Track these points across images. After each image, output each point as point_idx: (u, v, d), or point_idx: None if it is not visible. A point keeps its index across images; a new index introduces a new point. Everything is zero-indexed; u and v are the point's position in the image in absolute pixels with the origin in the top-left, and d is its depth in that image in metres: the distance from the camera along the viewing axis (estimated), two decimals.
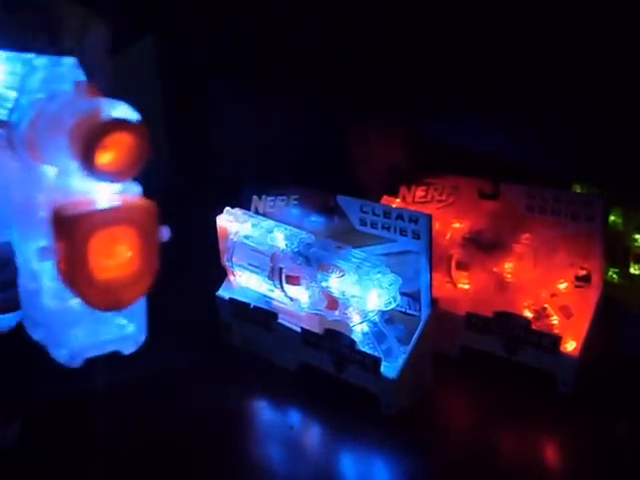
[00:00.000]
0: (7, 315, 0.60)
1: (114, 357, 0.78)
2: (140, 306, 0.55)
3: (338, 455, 0.69)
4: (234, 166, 0.97)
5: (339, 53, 0.92)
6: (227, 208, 0.80)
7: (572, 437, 0.69)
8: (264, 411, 0.78)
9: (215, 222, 0.80)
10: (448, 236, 0.80)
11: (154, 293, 0.87)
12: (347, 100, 0.94)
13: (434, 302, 0.73)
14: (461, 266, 0.79)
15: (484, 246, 0.79)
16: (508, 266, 0.78)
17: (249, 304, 0.80)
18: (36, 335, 0.55)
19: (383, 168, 0.91)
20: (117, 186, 0.50)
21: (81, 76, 0.51)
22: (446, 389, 0.77)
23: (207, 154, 1.08)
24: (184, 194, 1.00)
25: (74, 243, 0.48)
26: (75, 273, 0.49)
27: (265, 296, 0.79)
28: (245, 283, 0.80)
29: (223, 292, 0.83)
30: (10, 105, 0.52)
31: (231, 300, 0.81)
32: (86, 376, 0.78)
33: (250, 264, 0.78)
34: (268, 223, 0.78)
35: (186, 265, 0.86)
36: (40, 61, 0.52)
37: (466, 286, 0.80)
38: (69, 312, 0.52)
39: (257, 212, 0.81)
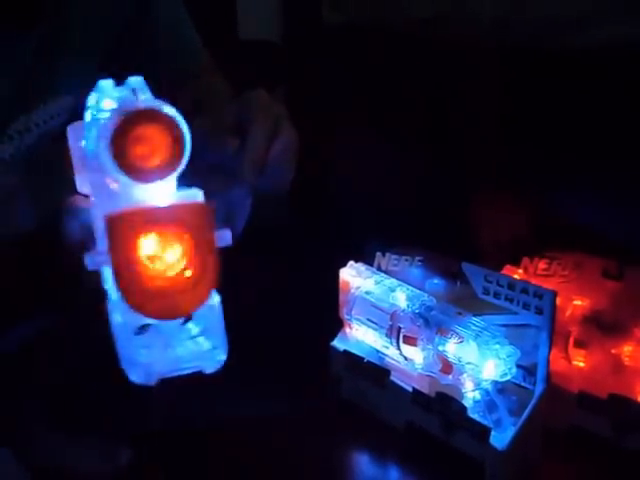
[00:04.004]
0: None
1: (223, 397, 0.82)
2: (217, 322, 0.52)
3: None
4: (360, 220, 0.99)
5: (471, 122, 0.94)
6: (351, 262, 0.82)
7: None
8: (365, 465, 0.79)
9: (337, 274, 0.82)
10: (568, 312, 0.79)
11: (268, 335, 0.90)
12: (475, 167, 0.96)
13: (548, 377, 0.73)
14: (579, 344, 0.78)
15: (604, 327, 0.78)
16: (627, 349, 0.77)
17: (363, 358, 0.81)
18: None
19: (506, 237, 0.92)
20: (176, 192, 0.48)
21: (147, 94, 0.50)
22: (551, 466, 0.76)
23: (332, 203, 1.11)
24: (310, 245, 1.02)
25: (121, 242, 0.46)
26: (124, 277, 0.47)
27: (379, 352, 0.80)
28: (361, 337, 0.81)
29: (337, 343, 0.84)
30: None
31: (345, 352, 0.83)
32: (195, 411, 0.81)
33: (369, 319, 0.79)
34: (391, 281, 0.79)
35: (305, 312, 0.89)
36: (105, 82, 0.51)
37: (581, 364, 0.79)
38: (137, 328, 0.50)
39: (379, 268, 0.82)
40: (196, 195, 0.48)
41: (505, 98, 1.09)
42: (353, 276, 0.81)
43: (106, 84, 0.50)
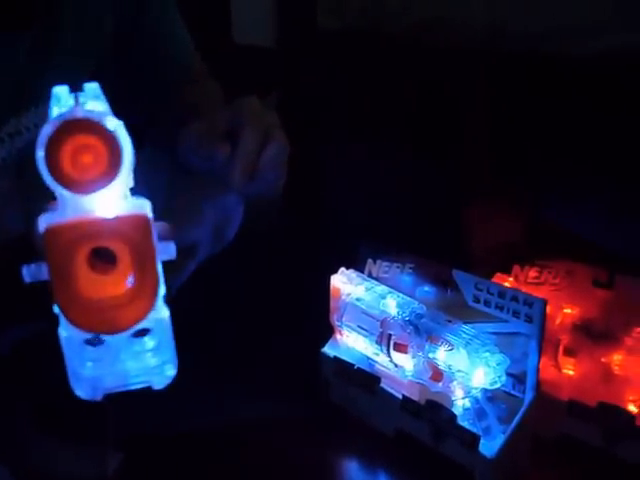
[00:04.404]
0: None
1: (213, 399, 0.82)
2: (166, 336, 0.50)
3: None
4: (354, 225, 0.99)
5: (466, 127, 0.94)
6: (342, 269, 0.82)
7: None
8: (354, 472, 0.79)
9: (328, 280, 0.82)
10: (558, 321, 0.79)
11: (261, 342, 0.90)
12: (469, 172, 0.96)
13: (538, 385, 0.73)
14: (569, 352, 0.79)
15: (594, 335, 0.78)
16: (617, 358, 0.77)
17: (353, 365, 0.81)
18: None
19: (498, 244, 0.92)
20: (123, 202, 0.46)
21: (102, 100, 0.47)
22: (540, 474, 0.76)
23: (325, 208, 1.11)
24: (303, 249, 1.02)
25: (58, 255, 0.44)
26: (61, 290, 0.45)
27: (369, 358, 0.80)
28: (352, 344, 0.81)
29: (328, 349, 0.84)
30: None
31: (335, 358, 0.83)
32: (187, 416, 0.81)
33: (359, 326, 0.79)
34: (381, 288, 0.79)
35: (296, 318, 0.89)
36: (60, 89, 0.48)
37: (571, 372, 0.79)
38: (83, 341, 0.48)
39: (370, 275, 0.82)
40: (142, 206, 0.46)
41: (500, 105, 1.09)
42: (344, 283, 0.81)
43: (61, 91, 0.48)
